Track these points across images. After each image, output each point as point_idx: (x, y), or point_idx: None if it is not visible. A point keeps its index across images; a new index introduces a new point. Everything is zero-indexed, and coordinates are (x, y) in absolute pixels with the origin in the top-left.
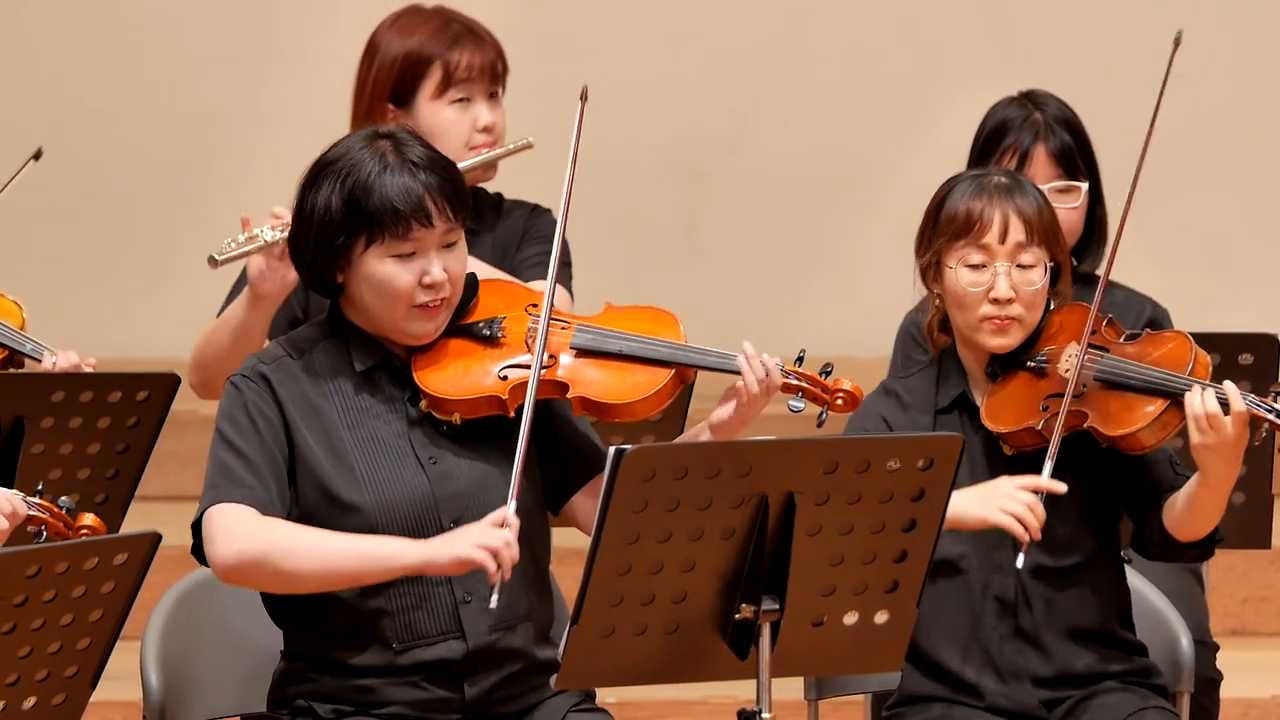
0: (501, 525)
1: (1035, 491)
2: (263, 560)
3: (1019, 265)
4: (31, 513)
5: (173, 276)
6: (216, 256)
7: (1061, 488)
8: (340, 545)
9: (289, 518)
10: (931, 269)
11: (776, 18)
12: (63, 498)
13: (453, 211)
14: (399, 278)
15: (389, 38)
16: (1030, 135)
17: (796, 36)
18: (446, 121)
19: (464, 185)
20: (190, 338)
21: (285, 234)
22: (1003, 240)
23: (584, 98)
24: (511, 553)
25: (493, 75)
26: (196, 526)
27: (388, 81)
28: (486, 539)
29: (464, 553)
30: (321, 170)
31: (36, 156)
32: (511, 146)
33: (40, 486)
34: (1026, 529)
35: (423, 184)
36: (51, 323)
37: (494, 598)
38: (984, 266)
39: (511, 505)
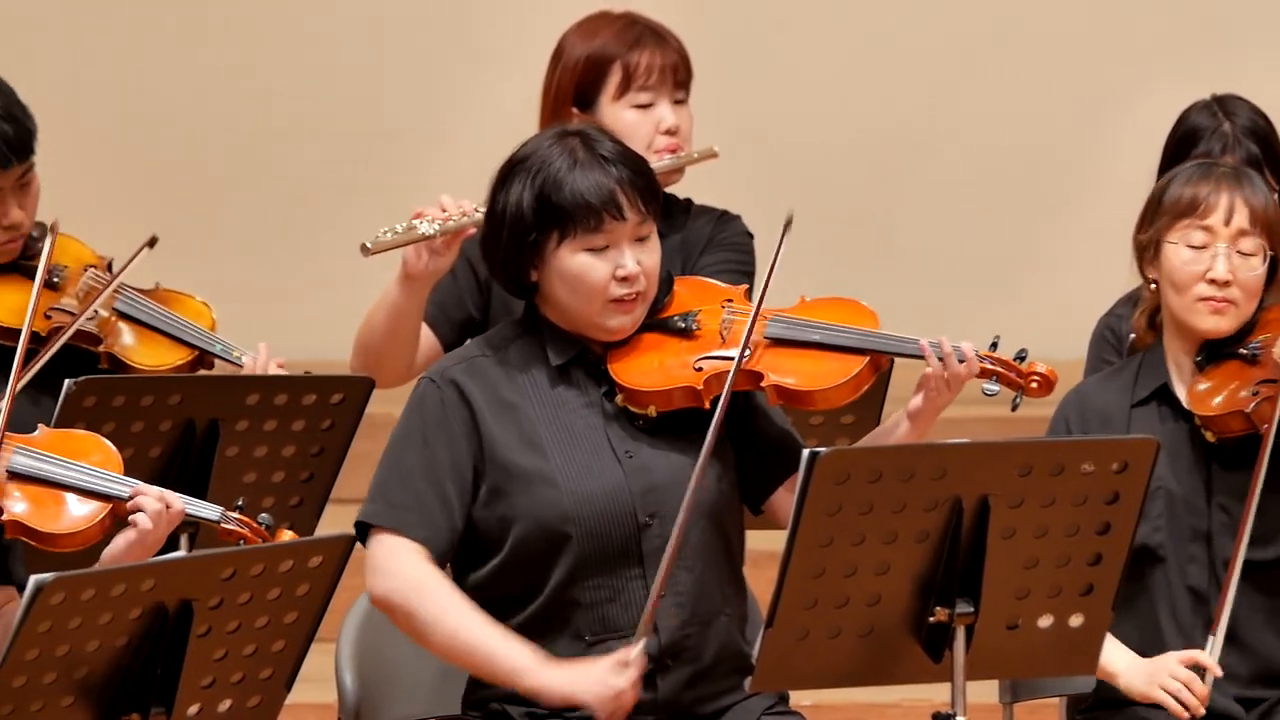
0: (625, 665)
1: (1196, 669)
2: (400, 614)
3: (1240, 251)
4: (230, 527)
5: (361, 278)
6: (369, 245)
7: (1218, 671)
8: (468, 645)
9: (469, 518)
10: (1150, 250)
11: (973, 14)
12: (262, 514)
13: (644, 204)
14: (593, 271)
15: (573, 40)
16: (1219, 146)
17: (993, 33)
18: (627, 124)
19: (655, 179)
20: None
21: (443, 225)
22: (1226, 223)
23: (788, 226)
24: (634, 693)
25: (676, 78)
26: (359, 527)
27: (571, 84)
28: (605, 683)
29: (580, 696)
30: (512, 169)
31: (151, 244)
32: (696, 154)
33: (240, 502)
34: (1186, 706)
35: (614, 178)
36: (243, 324)
37: None
38: (1204, 248)
39: (639, 644)
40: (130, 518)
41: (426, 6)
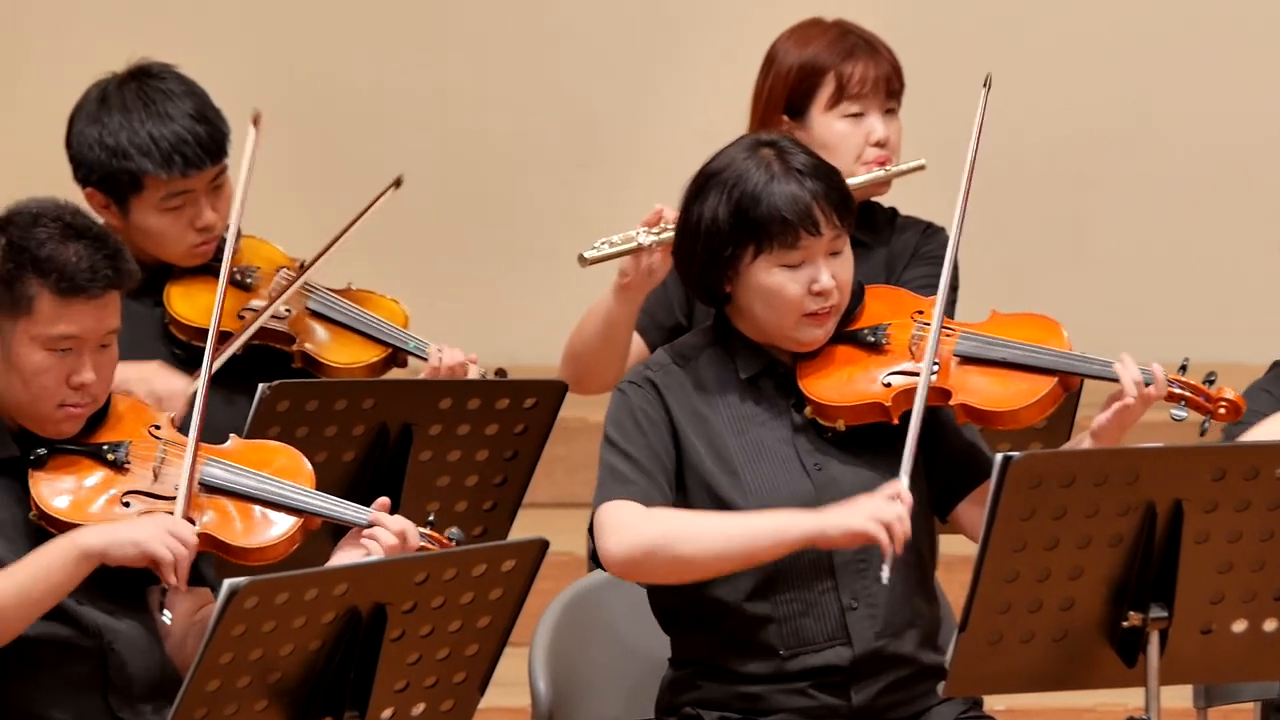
0: (895, 498)
1: None
2: (653, 550)
3: None
4: (421, 544)
5: (556, 280)
6: (586, 256)
7: None
8: (729, 523)
9: None
10: None
11: (1166, 9)
12: (451, 529)
13: (839, 218)
14: (788, 287)
15: (786, 47)
16: None
17: (1187, 29)
18: (838, 135)
19: (848, 191)
20: None
21: (660, 236)
22: None
23: (987, 85)
24: (904, 527)
25: (888, 89)
26: (592, 532)
27: (782, 92)
28: (880, 512)
29: (858, 524)
30: (707, 181)
31: (397, 184)
32: (904, 167)
33: (431, 517)
34: None
35: (809, 191)
36: (435, 324)
37: (885, 570)
38: None
39: (904, 480)
40: (363, 540)
41: (634, 16)
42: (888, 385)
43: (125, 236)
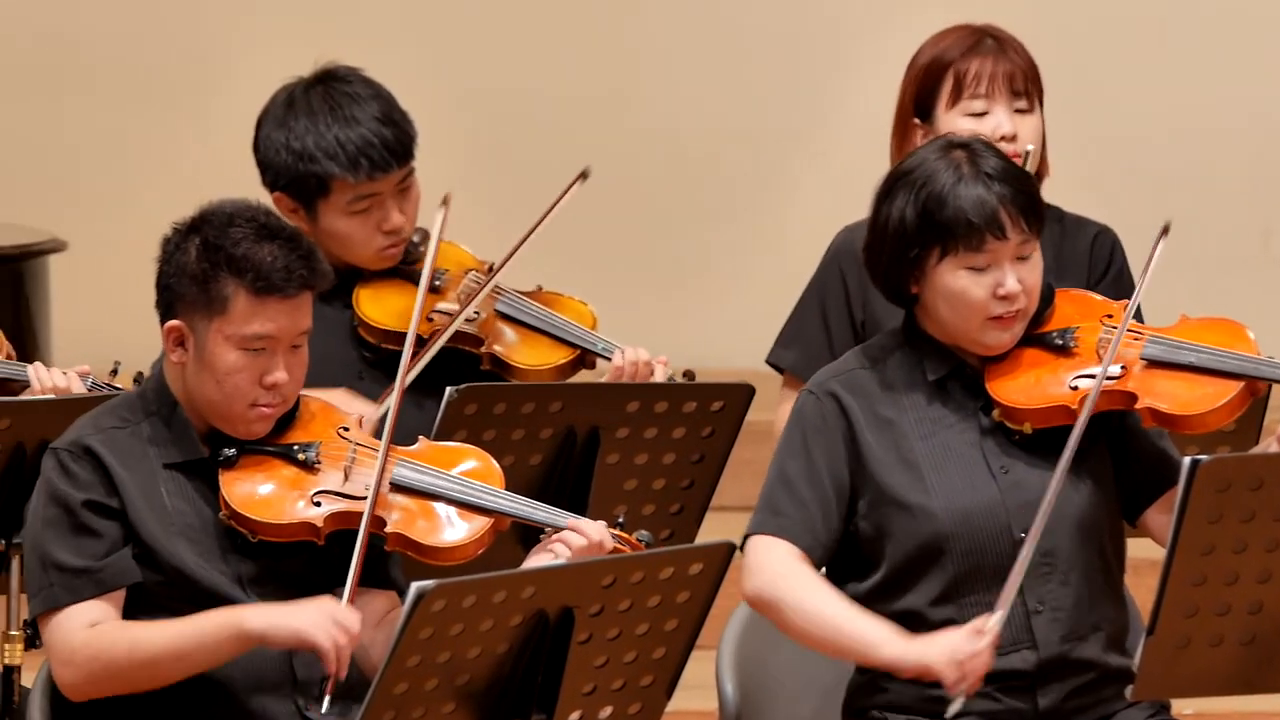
0: (980, 634)
1: None
2: (770, 607)
3: None
4: (613, 545)
5: (741, 283)
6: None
7: None
8: (827, 625)
9: (848, 528)
10: None
11: None
12: (641, 531)
13: (1026, 223)
14: (973, 290)
15: (923, 49)
16: None
17: None
18: (963, 132)
19: (1039, 196)
20: (761, 349)
21: None
22: None
23: (1166, 232)
24: (980, 665)
25: (1012, 86)
26: (746, 540)
27: (912, 93)
28: (955, 652)
29: (931, 661)
30: (896, 181)
31: (584, 176)
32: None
33: (620, 519)
34: None
35: (996, 195)
36: (621, 328)
37: (953, 707)
38: None
39: (997, 615)
40: (552, 546)
41: (796, 19)
42: (1075, 388)
43: (313, 240)
